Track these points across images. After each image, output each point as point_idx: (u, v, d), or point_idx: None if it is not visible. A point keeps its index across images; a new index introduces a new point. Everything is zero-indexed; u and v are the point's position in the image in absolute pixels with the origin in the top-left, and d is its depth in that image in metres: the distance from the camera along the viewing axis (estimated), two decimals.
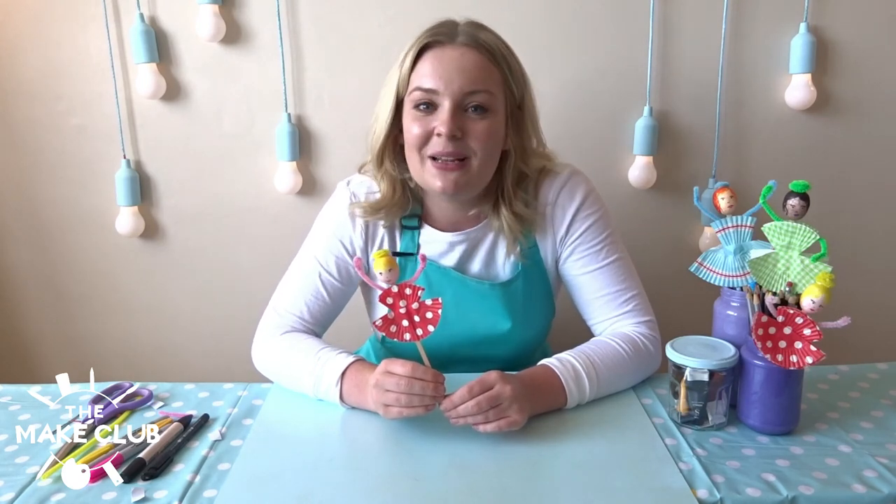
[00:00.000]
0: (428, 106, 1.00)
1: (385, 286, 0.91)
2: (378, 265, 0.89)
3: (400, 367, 0.90)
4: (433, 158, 1.01)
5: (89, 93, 1.50)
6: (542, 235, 1.11)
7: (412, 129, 1.01)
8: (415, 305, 0.91)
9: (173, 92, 1.50)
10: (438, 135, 0.99)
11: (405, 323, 0.91)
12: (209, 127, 1.51)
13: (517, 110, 1.05)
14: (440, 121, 0.99)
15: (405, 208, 1.10)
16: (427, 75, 0.99)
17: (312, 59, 1.48)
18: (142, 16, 1.44)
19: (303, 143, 1.52)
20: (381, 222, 1.10)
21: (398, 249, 1.11)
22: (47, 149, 1.53)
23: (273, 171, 1.52)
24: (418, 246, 1.11)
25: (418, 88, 1.00)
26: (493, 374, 0.90)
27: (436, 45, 1.00)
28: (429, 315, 0.91)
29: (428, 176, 1.02)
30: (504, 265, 1.12)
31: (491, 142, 1.01)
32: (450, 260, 1.11)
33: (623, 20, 1.45)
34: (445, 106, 0.98)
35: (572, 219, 1.09)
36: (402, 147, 1.06)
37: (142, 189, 1.54)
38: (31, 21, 1.46)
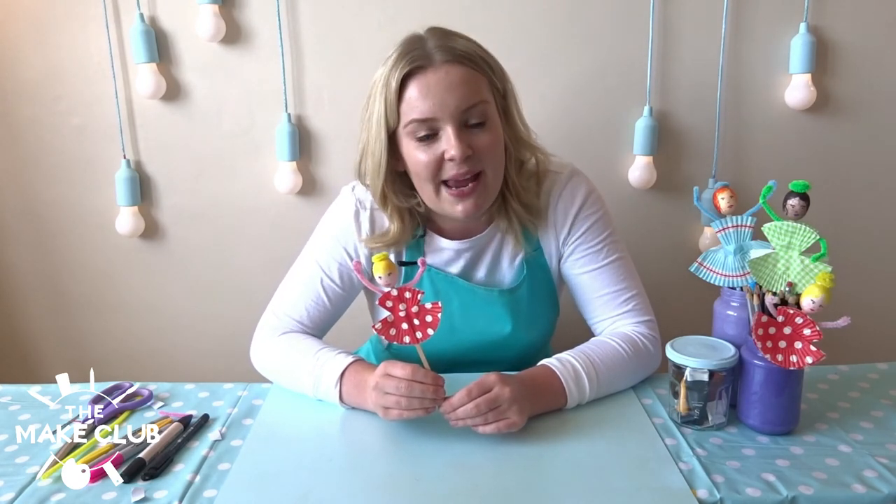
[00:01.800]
0: (428, 135, 0.98)
1: (385, 290, 0.91)
2: (378, 269, 0.89)
3: (400, 369, 0.90)
4: (447, 185, 1.00)
5: (89, 93, 1.50)
6: (545, 236, 1.11)
7: (419, 158, 0.99)
8: (414, 309, 0.91)
9: (173, 92, 1.50)
10: (451, 160, 0.97)
11: (405, 326, 0.91)
12: (209, 127, 1.51)
13: (503, 100, 1.04)
14: (449, 145, 0.96)
15: (414, 231, 1.09)
16: (419, 105, 0.96)
17: (312, 59, 1.47)
18: (142, 16, 1.44)
19: (303, 143, 1.52)
20: (384, 249, 1.09)
21: (403, 259, 1.11)
22: (47, 149, 1.53)
23: (273, 171, 1.52)
24: (423, 254, 1.11)
25: (414, 121, 0.97)
26: (492, 376, 0.90)
27: (417, 71, 0.96)
28: (428, 318, 0.91)
29: (446, 204, 1.01)
30: (508, 270, 1.12)
31: (497, 150, 1.01)
32: (456, 268, 1.11)
33: (623, 20, 1.45)
34: (448, 130, 0.96)
35: (574, 218, 1.09)
36: (399, 174, 1.04)
37: (142, 189, 1.54)
38: (32, 21, 1.46)
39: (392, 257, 1.10)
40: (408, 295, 0.91)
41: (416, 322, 0.91)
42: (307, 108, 1.51)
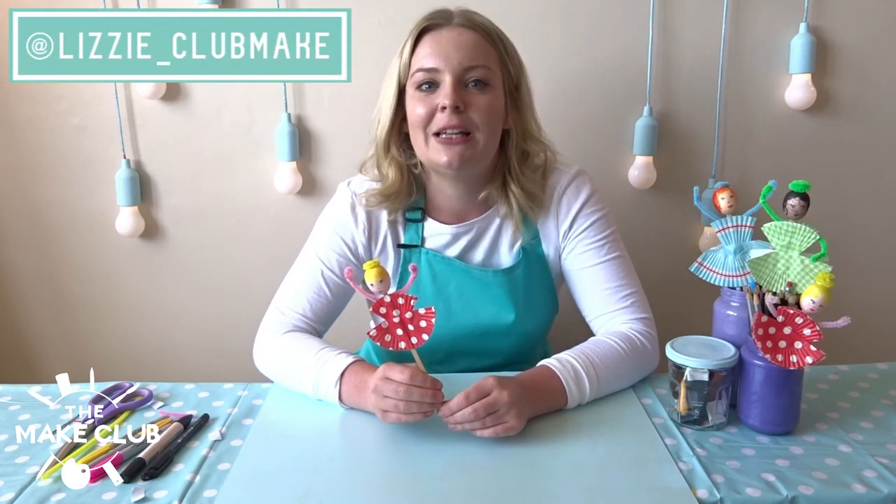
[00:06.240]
0: (430, 85, 1.03)
1: (378, 296, 0.91)
2: (369, 276, 0.89)
3: (398, 373, 0.89)
4: (437, 135, 1.04)
5: (89, 93, 1.50)
6: (545, 228, 1.12)
7: (416, 108, 1.04)
8: (408, 315, 0.91)
9: (173, 92, 1.50)
10: (442, 109, 1.02)
11: (399, 332, 0.91)
12: (209, 127, 1.52)
13: (515, 90, 1.08)
14: (443, 94, 1.02)
15: (410, 196, 1.12)
16: (427, 56, 1.03)
17: None
18: None
19: (303, 143, 1.52)
20: (385, 216, 1.11)
21: (402, 242, 1.12)
22: (47, 149, 1.53)
23: (273, 171, 1.52)
24: (423, 238, 1.12)
25: (420, 69, 1.03)
26: (490, 380, 0.90)
27: (433, 28, 1.04)
28: (422, 323, 0.91)
29: (433, 153, 1.05)
30: (506, 255, 1.13)
31: (492, 115, 1.05)
32: (454, 251, 1.13)
33: (623, 20, 1.45)
34: (447, 81, 1.02)
35: (577, 214, 1.11)
36: (406, 135, 1.09)
37: (142, 189, 1.54)
38: None
39: (390, 241, 1.12)
40: (401, 301, 0.91)
41: (411, 328, 0.91)
42: (307, 108, 1.51)
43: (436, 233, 1.13)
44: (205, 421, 0.97)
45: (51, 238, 1.59)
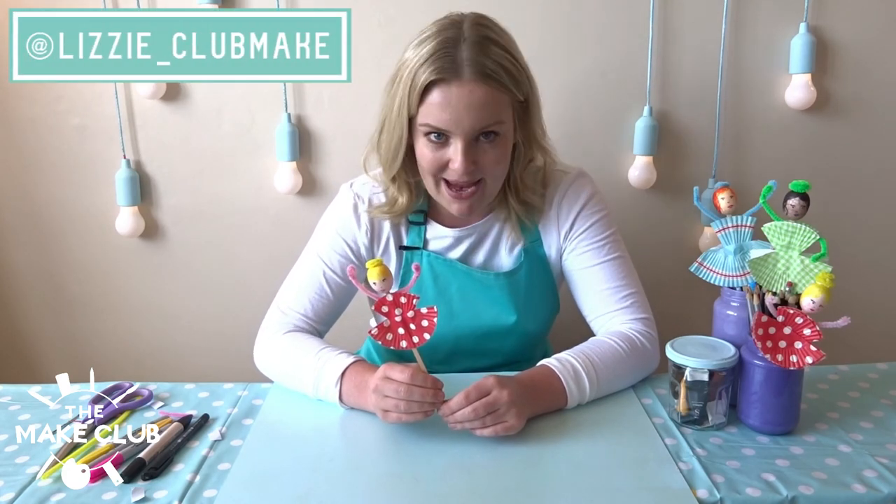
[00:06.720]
0: (440, 136, 1.00)
1: (381, 295, 0.91)
2: (372, 275, 0.89)
3: (399, 373, 0.90)
4: (447, 183, 1.03)
5: (89, 93, 1.50)
6: (546, 230, 1.13)
7: (426, 154, 1.02)
8: (410, 314, 0.91)
9: (173, 92, 1.50)
10: (454, 170, 1.00)
11: (401, 331, 0.91)
12: (209, 127, 1.52)
13: (523, 108, 1.04)
14: (455, 158, 0.99)
15: (417, 204, 1.12)
16: (437, 113, 0.97)
17: None
18: None
19: (303, 143, 1.52)
20: (387, 219, 1.11)
21: (404, 244, 1.13)
22: (47, 149, 1.53)
23: (273, 171, 1.52)
24: (425, 241, 1.13)
25: (428, 125, 0.99)
26: (490, 379, 0.90)
27: (441, 82, 0.97)
28: (424, 323, 0.91)
29: (443, 199, 1.05)
30: (507, 257, 1.13)
31: (503, 163, 1.04)
32: (456, 253, 1.13)
33: (623, 20, 1.45)
34: (458, 144, 0.98)
35: (577, 215, 1.11)
36: (411, 148, 1.06)
37: (142, 189, 1.54)
38: None
39: (392, 243, 1.12)
40: (403, 300, 0.91)
41: (412, 327, 0.91)
42: (307, 108, 1.51)
43: (438, 235, 1.13)
44: (205, 421, 0.97)
45: (51, 238, 1.59)
